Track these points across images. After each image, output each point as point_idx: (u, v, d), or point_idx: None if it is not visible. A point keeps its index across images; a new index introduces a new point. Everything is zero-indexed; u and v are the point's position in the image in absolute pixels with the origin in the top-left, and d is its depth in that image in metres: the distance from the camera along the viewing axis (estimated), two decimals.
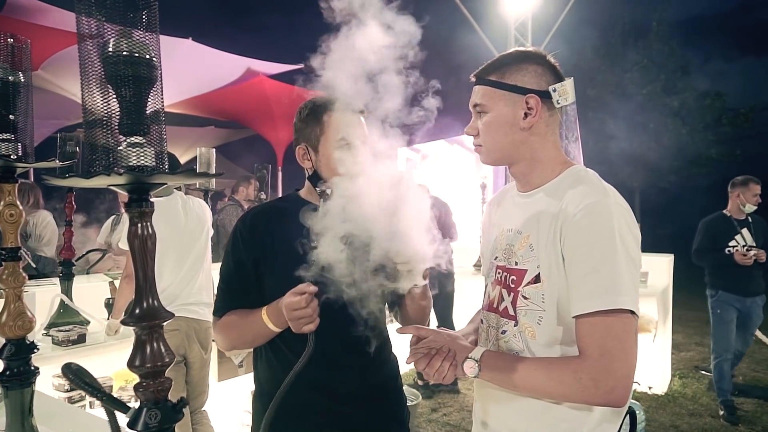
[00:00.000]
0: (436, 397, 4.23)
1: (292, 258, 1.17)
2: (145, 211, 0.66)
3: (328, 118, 1.28)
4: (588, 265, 0.96)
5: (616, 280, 0.94)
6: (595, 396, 0.93)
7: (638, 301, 0.95)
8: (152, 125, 0.66)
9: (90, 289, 2.80)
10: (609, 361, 0.92)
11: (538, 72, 1.07)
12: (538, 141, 1.09)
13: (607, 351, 0.92)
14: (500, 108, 1.08)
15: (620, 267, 0.94)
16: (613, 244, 0.95)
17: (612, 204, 0.99)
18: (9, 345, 1.02)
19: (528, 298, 1.06)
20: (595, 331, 0.94)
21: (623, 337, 0.93)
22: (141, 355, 0.68)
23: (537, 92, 1.06)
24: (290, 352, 1.26)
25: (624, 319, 0.93)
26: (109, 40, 0.62)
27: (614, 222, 0.97)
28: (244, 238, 1.33)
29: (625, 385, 0.93)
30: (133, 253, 0.67)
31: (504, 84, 1.08)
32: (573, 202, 1.01)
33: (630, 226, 0.99)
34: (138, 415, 0.68)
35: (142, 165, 0.64)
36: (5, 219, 1.00)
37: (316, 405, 1.29)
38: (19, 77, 0.99)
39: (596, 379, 0.92)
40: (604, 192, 1.01)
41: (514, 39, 7.44)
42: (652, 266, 4.45)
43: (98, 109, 0.62)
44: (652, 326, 4.18)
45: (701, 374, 4.72)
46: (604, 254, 0.95)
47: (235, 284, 1.33)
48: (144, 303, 0.68)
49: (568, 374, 0.94)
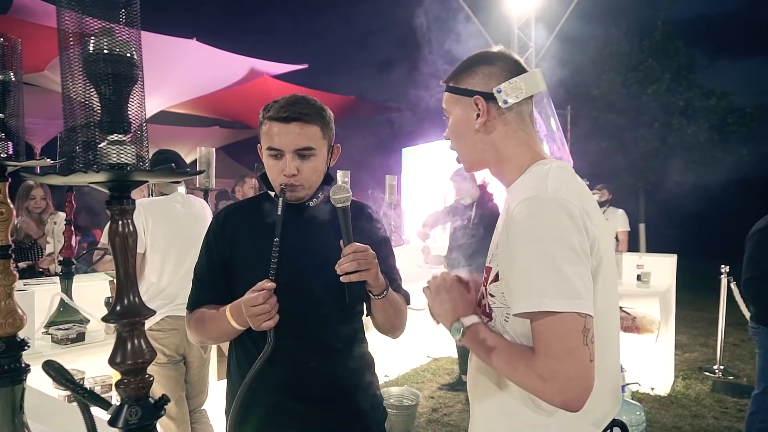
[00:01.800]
0: (437, 397, 4.23)
1: (260, 256, 1.24)
2: (126, 208, 0.67)
3: (268, 127, 1.29)
4: (519, 264, 0.95)
5: (546, 280, 0.90)
6: (545, 394, 0.90)
7: (585, 300, 0.90)
8: (133, 123, 0.66)
9: (90, 287, 2.81)
10: (554, 362, 0.89)
11: (486, 73, 1.08)
12: (499, 140, 1.09)
13: (551, 351, 0.90)
14: (457, 112, 1.12)
15: (552, 266, 0.90)
16: (543, 243, 0.92)
17: (547, 200, 0.95)
18: (0, 342, 1.02)
19: (493, 296, 1.07)
20: (538, 331, 0.92)
21: (566, 338, 0.89)
22: (122, 352, 0.68)
23: (481, 94, 1.07)
24: (256, 349, 1.26)
25: (563, 318, 0.89)
26: (90, 37, 0.63)
27: (547, 218, 0.94)
28: (216, 235, 1.35)
29: (575, 388, 0.88)
30: (114, 251, 0.67)
31: (457, 89, 1.11)
32: (514, 201, 1.00)
33: (574, 221, 0.94)
34: (119, 413, 0.68)
35: (122, 162, 0.64)
36: None
37: (282, 405, 1.30)
38: (9, 76, 0.99)
39: (543, 378, 0.90)
40: (542, 187, 0.98)
41: (518, 39, 7.43)
42: (655, 266, 4.43)
43: (78, 106, 0.62)
44: (655, 327, 4.16)
45: (705, 375, 4.69)
46: (533, 254, 0.93)
47: (207, 280, 1.35)
48: (125, 300, 0.68)
49: (523, 367, 0.93)
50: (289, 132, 1.25)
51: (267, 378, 1.25)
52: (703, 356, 5.30)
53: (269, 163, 1.29)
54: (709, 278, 4.10)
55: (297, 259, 1.28)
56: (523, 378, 0.93)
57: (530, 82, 1.07)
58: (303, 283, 1.28)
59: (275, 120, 1.26)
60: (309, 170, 1.29)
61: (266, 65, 8.40)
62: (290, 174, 1.26)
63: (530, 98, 1.10)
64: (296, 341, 1.28)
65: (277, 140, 1.26)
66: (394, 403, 3.61)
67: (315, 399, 1.31)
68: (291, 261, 1.25)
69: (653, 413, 3.83)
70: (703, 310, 6.84)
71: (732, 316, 4.98)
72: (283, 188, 1.27)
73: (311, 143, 1.28)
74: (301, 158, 1.28)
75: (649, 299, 4.21)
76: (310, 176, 1.30)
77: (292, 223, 1.29)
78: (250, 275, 1.24)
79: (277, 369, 1.25)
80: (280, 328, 1.22)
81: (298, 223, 1.32)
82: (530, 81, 1.07)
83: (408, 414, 3.57)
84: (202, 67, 7.66)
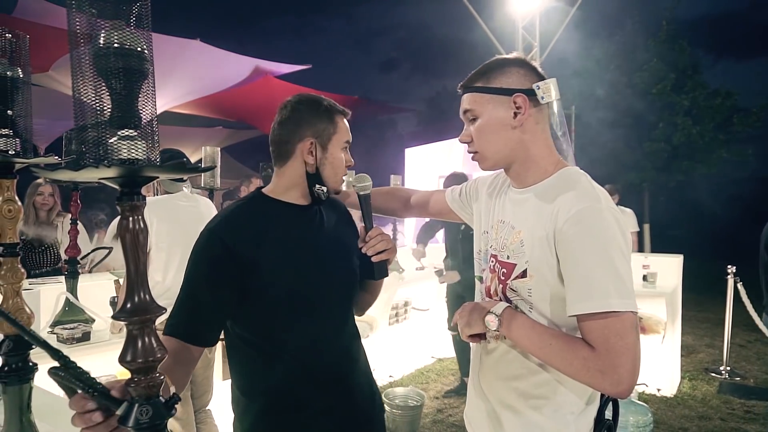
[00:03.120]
0: (442, 398, 4.22)
1: (291, 257, 1.24)
2: (137, 204, 0.66)
3: (340, 120, 1.32)
4: (582, 268, 1.02)
5: (609, 283, 0.99)
6: (602, 385, 0.99)
7: (634, 300, 1.01)
8: (144, 118, 0.65)
9: (95, 287, 2.81)
10: (615, 357, 0.97)
11: (521, 73, 1.14)
12: (530, 139, 1.14)
13: (612, 347, 0.97)
14: (490, 111, 1.14)
15: (613, 271, 1.00)
16: (605, 249, 1.01)
17: (604, 209, 1.04)
18: (7, 341, 1.02)
19: (515, 291, 1.14)
20: (597, 329, 1.00)
21: (624, 334, 0.98)
22: (132, 351, 0.67)
23: (523, 91, 1.12)
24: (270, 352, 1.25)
25: (622, 317, 0.98)
26: (100, 31, 0.62)
27: (606, 227, 1.02)
28: (229, 253, 1.18)
29: (630, 379, 0.97)
30: (124, 247, 0.66)
31: (491, 88, 1.14)
32: (565, 206, 1.06)
33: (621, 229, 1.04)
34: (129, 411, 0.68)
35: (132, 158, 0.63)
36: (4, 215, 0.99)
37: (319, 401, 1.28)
38: (17, 72, 0.99)
39: (603, 372, 0.97)
40: (596, 197, 1.06)
41: (522, 38, 7.41)
42: (661, 267, 4.41)
43: (88, 101, 0.62)
44: (661, 327, 4.14)
45: (711, 376, 4.66)
46: (597, 259, 1.01)
47: (203, 305, 1.17)
48: (135, 297, 0.67)
49: (579, 361, 1.00)
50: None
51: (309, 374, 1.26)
52: (710, 357, 5.27)
53: (342, 156, 1.32)
54: (715, 279, 4.07)
55: (328, 250, 1.33)
56: (580, 371, 0.99)
57: (555, 86, 1.13)
58: (335, 274, 1.33)
59: (344, 115, 1.34)
60: None
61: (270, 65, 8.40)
62: (352, 163, 1.36)
63: (548, 105, 1.16)
64: (334, 330, 1.32)
65: (349, 135, 1.35)
66: (399, 403, 3.59)
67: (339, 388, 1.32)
68: (323, 254, 1.30)
69: (659, 414, 3.81)
70: (709, 311, 6.81)
71: (738, 316, 4.95)
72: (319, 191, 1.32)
73: None
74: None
75: (655, 300, 4.19)
76: None
77: (314, 218, 1.34)
78: (281, 279, 1.21)
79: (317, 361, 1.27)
80: (320, 319, 1.28)
81: (323, 217, 1.37)
82: (555, 86, 1.13)
83: (413, 414, 3.56)
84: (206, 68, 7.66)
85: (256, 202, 1.31)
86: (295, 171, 1.29)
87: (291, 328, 1.23)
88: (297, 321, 1.24)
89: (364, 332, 4.13)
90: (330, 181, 1.31)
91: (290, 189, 1.31)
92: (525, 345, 1.08)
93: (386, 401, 3.61)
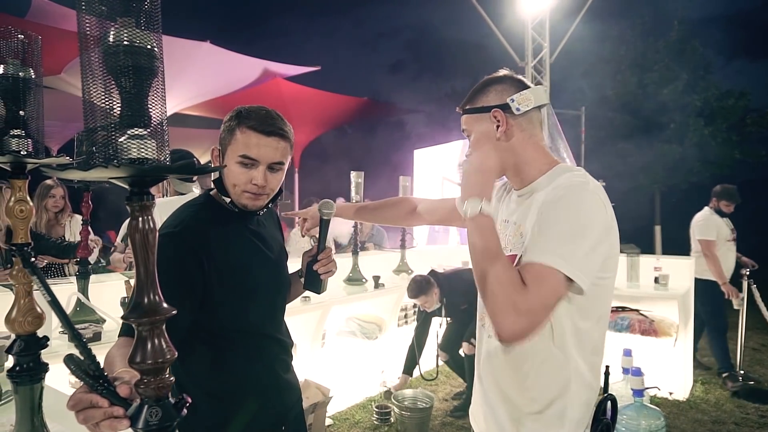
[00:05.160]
0: (451, 399, 4.19)
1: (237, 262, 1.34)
2: (146, 204, 0.65)
3: (241, 133, 1.31)
4: (553, 226, 1.09)
5: (569, 247, 1.05)
6: (506, 322, 1.01)
7: (583, 275, 1.05)
8: (154, 117, 0.65)
9: (106, 288, 2.82)
10: (534, 306, 1.02)
11: (499, 90, 1.24)
12: (518, 145, 1.24)
13: (539, 297, 1.03)
14: (477, 128, 1.27)
15: (575, 238, 1.06)
16: (576, 217, 1.08)
17: (590, 191, 1.11)
18: (19, 341, 1.02)
19: None
20: (540, 276, 1.04)
21: (553, 295, 1.04)
22: (142, 352, 0.67)
23: (498, 106, 1.23)
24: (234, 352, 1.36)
25: (561, 280, 1.04)
26: (110, 29, 0.62)
27: (583, 200, 1.10)
28: (189, 251, 1.25)
29: (530, 333, 1.03)
30: (134, 248, 0.66)
31: (474, 108, 1.27)
32: (554, 188, 1.15)
33: (605, 208, 1.11)
34: (139, 413, 0.67)
35: (142, 157, 0.63)
36: (15, 215, 1.00)
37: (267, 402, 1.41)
38: (29, 73, 0.99)
39: (519, 312, 1.01)
40: (586, 181, 1.14)
41: (531, 39, 7.37)
42: (673, 269, 4.35)
43: (98, 100, 0.61)
44: (673, 330, 4.09)
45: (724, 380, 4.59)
46: (567, 223, 1.07)
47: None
48: (145, 298, 0.67)
49: (509, 291, 1.02)
50: (267, 145, 1.30)
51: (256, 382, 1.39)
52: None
53: (237, 170, 1.31)
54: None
55: (258, 263, 1.40)
56: (501, 299, 1.02)
57: (536, 94, 1.23)
58: (269, 284, 1.43)
59: (256, 131, 1.30)
60: (275, 182, 1.37)
61: (279, 67, 8.43)
62: (261, 185, 1.32)
63: (539, 110, 1.26)
64: (273, 338, 1.44)
65: (255, 151, 1.30)
66: (408, 405, 3.58)
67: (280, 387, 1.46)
68: (251, 266, 1.37)
69: (672, 419, 3.76)
70: None
71: (752, 319, 4.87)
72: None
73: (283, 158, 1.35)
74: (270, 171, 1.34)
75: (667, 302, 4.14)
76: (275, 188, 1.38)
77: (245, 229, 1.40)
78: (231, 283, 1.31)
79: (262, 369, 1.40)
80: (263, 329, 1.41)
81: (250, 229, 1.43)
82: (536, 93, 1.24)
83: (422, 416, 3.54)
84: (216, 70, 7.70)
85: (207, 206, 1.38)
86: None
87: (245, 323, 1.36)
88: (248, 317, 1.36)
89: (372, 333, 4.12)
90: (231, 193, 1.35)
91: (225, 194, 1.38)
92: (479, 242, 1.09)
93: (395, 403, 3.60)
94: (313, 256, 1.53)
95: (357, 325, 4.11)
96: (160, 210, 2.49)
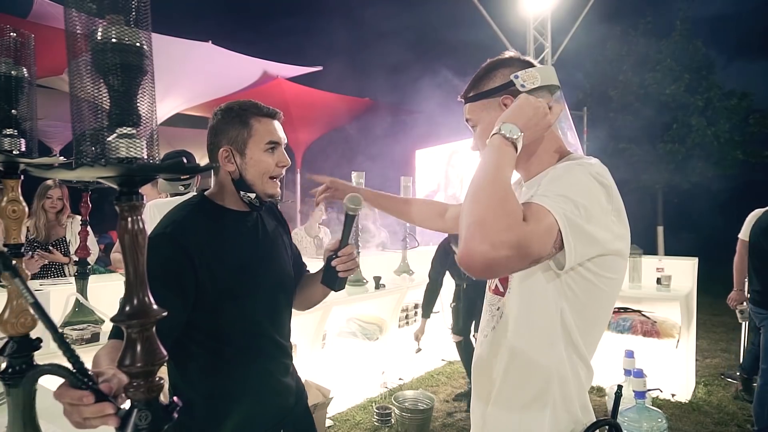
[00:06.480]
0: (452, 401, 4.18)
1: (241, 261, 1.32)
2: (135, 204, 0.64)
3: (257, 122, 1.33)
4: (552, 185, 0.96)
5: (567, 205, 0.92)
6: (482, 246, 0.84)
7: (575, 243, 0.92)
8: (143, 116, 0.64)
9: (105, 288, 2.82)
10: (535, 240, 0.88)
11: (505, 73, 1.12)
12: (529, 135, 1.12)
13: (539, 234, 0.89)
14: (484, 116, 1.15)
15: (568, 201, 0.93)
16: (570, 187, 0.95)
17: (590, 170, 0.99)
18: (11, 342, 1.01)
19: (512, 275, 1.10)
20: (541, 214, 0.91)
21: (549, 235, 0.90)
22: (131, 355, 0.65)
23: (504, 86, 1.11)
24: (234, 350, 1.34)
25: (555, 230, 0.90)
26: (98, 26, 0.61)
27: (579, 174, 0.98)
28: (185, 257, 1.22)
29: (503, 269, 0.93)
30: (123, 249, 0.65)
31: (479, 94, 1.15)
32: (554, 169, 1.04)
33: (602, 185, 0.97)
34: (128, 417, 0.66)
35: (131, 156, 0.61)
36: (8, 215, 0.99)
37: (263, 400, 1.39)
38: (22, 72, 0.98)
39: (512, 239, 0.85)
40: (587, 162, 1.03)
41: (533, 39, 7.35)
42: (675, 270, 4.33)
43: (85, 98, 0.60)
44: (676, 332, 4.07)
45: (727, 382, 4.57)
46: (563, 188, 0.95)
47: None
48: (134, 300, 0.65)
49: (506, 217, 0.87)
50: (279, 128, 1.37)
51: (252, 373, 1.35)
52: (725, 362, 5.17)
53: (266, 158, 1.33)
54: (731, 282, 3.99)
55: (262, 258, 1.39)
56: (497, 221, 0.86)
57: (544, 73, 1.11)
58: (268, 283, 1.40)
59: (269, 116, 1.35)
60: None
61: (281, 68, 8.41)
62: (287, 163, 1.37)
63: (549, 92, 1.13)
64: (271, 340, 1.41)
65: (276, 135, 1.35)
66: (409, 406, 3.57)
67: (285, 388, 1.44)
68: (257, 261, 1.36)
69: (674, 420, 3.74)
70: (725, 315, 6.68)
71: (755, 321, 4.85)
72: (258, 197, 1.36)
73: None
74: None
75: (669, 303, 4.12)
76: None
77: (242, 228, 1.38)
78: (225, 283, 1.28)
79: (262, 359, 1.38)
80: (268, 322, 1.39)
81: (248, 227, 1.40)
82: (544, 72, 1.11)
83: (423, 418, 3.53)
84: (218, 70, 7.69)
85: (201, 207, 1.36)
86: (223, 179, 1.36)
87: (240, 324, 1.33)
88: (244, 318, 1.33)
89: (373, 335, 4.11)
90: (256, 185, 1.34)
91: (226, 196, 1.37)
92: (489, 158, 0.97)
93: (396, 404, 3.58)
94: (335, 251, 1.45)
95: (358, 325, 4.10)
96: (159, 211, 2.48)
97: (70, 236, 3.79)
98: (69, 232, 3.80)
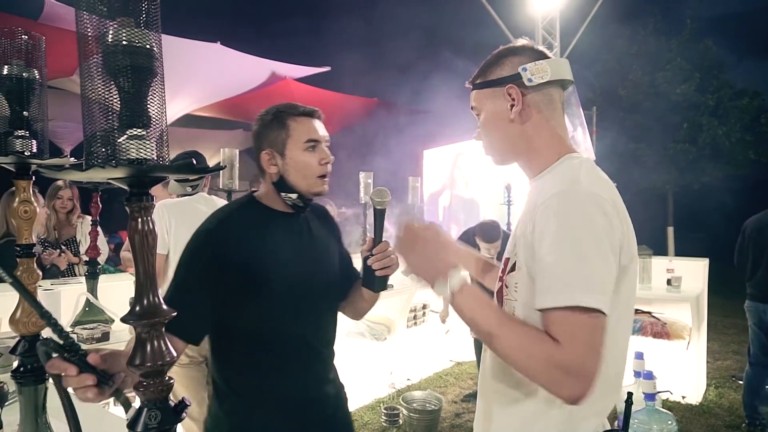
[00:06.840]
0: (461, 402, 4.17)
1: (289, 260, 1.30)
2: (146, 205, 0.65)
3: (293, 122, 1.32)
4: (548, 257, 0.91)
5: (575, 274, 0.88)
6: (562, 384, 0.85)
7: (607, 297, 0.88)
8: (153, 118, 0.64)
9: (115, 288, 2.84)
10: (584, 352, 0.85)
11: (515, 63, 1.06)
12: (533, 130, 1.07)
13: (580, 341, 0.86)
14: (488, 106, 1.10)
15: (581, 260, 0.89)
16: (573, 236, 0.90)
17: (581, 193, 0.94)
18: (23, 341, 1.02)
19: (508, 287, 1.07)
20: (562, 322, 0.88)
21: (593, 335, 0.87)
22: (141, 354, 0.66)
23: (511, 77, 1.06)
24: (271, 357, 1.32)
25: (591, 313, 0.86)
26: (109, 28, 0.61)
27: (577, 211, 0.92)
28: (221, 259, 1.22)
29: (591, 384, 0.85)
30: (133, 249, 0.65)
31: (486, 82, 1.10)
32: (544, 192, 0.98)
33: (602, 212, 0.92)
34: (138, 416, 0.66)
35: (141, 158, 0.62)
36: (20, 215, 1.00)
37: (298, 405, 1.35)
38: (33, 74, 0.99)
39: (568, 369, 0.85)
40: (575, 180, 0.97)
41: (542, 38, 7.32)
42: (686, 271, 4.29)
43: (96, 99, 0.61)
44: (686, 333, 4.03)
45: (738, 384, 4.52)
46: (563, 247, 0.90)
47: (195, 299, 1.19)
48: (144, 300, 0.66)
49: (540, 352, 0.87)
50: (319, 126, 1.36)
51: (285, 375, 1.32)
52: (737, 364, 5.12)
53: (307, 156, 1.31)
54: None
55: (308, 260, 1.37)
56: (539, 365, 0.86)
57: (556, 66, 1.06)
58: (308, 286, 1.36)
59: (306, 115, 1.34)
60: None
61: (289, 68, 8.43)
62: (331, 159, 1.34)
63: (560, 87, 1.10)
64: (308, 345, 1.36)
65: (315, 133, 1.33)
66: (417, 407, 3.56)
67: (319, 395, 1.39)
68: (286, 267, 1.32)
69: (684, 423, 3.71)
70: (736, 316, 6.61)
71: None
72: (300, 197, 1.34)
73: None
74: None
75: (680, 305, 4.08)
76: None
77: (287, 229, 1.36)
78: (263, 284, 1.26)
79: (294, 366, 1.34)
80: (303, 324, 1.33)
81: (293, 229, 1.38)
82: (556, 66, 1.06)
83: (431, 419, 3.52)
84: (226, 71, 7.72)
85: (248, 207, 1.36)
86: (268, 181, 1.35)
87: (277, 327, 1.30)
88: (281, 321, 1.30)
89: (381, 335, 4.11)
90: (299, 185, 1.33)
91: (272, 198, 1.36)
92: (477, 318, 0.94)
93: (404, 405, 3.58)
94: (370, 251, 1.39)
95: (366, 326, 4.11)
96: (168, 211, 2.50)
97: (81, 236, 3.82)
98: (79, 232, 3.84)
